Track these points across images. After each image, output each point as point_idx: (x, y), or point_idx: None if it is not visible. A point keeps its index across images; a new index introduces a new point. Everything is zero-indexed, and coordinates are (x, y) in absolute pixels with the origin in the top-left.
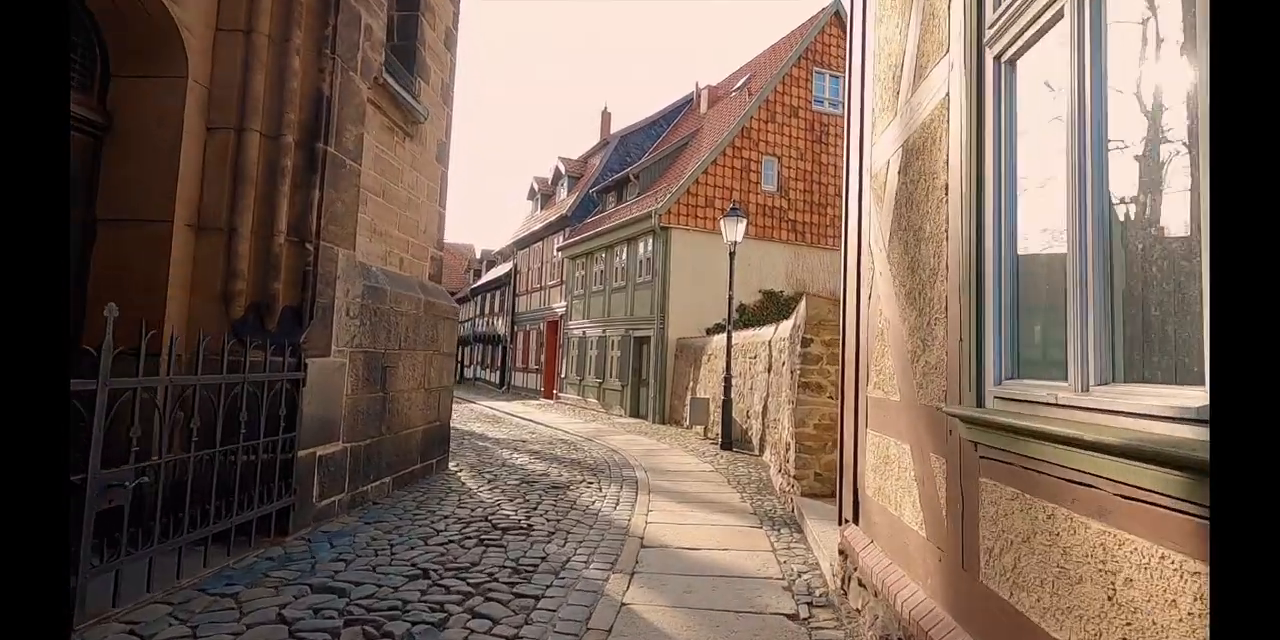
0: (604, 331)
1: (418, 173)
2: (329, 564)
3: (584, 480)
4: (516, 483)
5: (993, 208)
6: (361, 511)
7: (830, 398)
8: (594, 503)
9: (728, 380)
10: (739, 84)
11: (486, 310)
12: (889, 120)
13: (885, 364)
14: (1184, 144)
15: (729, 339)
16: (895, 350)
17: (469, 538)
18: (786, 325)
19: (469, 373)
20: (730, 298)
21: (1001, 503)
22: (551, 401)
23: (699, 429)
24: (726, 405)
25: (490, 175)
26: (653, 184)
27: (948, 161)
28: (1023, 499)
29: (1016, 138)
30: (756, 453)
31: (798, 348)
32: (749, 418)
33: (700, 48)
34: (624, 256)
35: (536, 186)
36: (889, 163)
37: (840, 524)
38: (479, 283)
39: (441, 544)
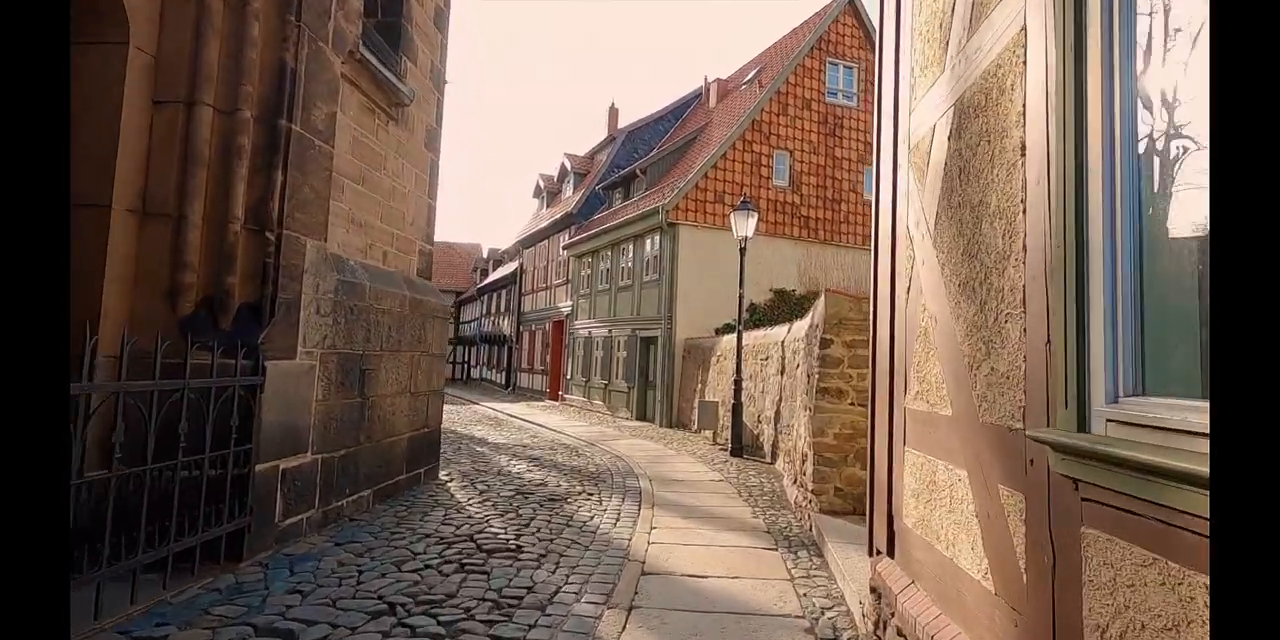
0: (610, 332)
1: (404, 160)
2: (283, 596)
3: (583, 491)
4: (510, 494)
5: (1103, 165)
6: (335, 530)
7: (853, 404)
8: (592, 518)
9: (738, 383)
10: (749, 76)
11: (492, 310)
12: (934, 78)
13: (930, 370)
14: None
15: (739, 339)
16: (945, 354)
17: (449, 562)
18: (801, 325)
19: (475, 373)
20: (740, 296)
21: (1124, 568)
22: (557, 403)
23: (708, 434)
24: (736, 409)
25: (498, 174)
26: (660, 179)
27: (1024, 114)
28: (1165, 569)
29: (1135, 66)
30: (768, 460)
31: (816, 349)
32: (760, 422)
33: (710, 43)
34: (630, 254)
35: (542, 184)
36: (934, 129)
37: (871, 554)
38: (485, 282)
39: (416, 570)
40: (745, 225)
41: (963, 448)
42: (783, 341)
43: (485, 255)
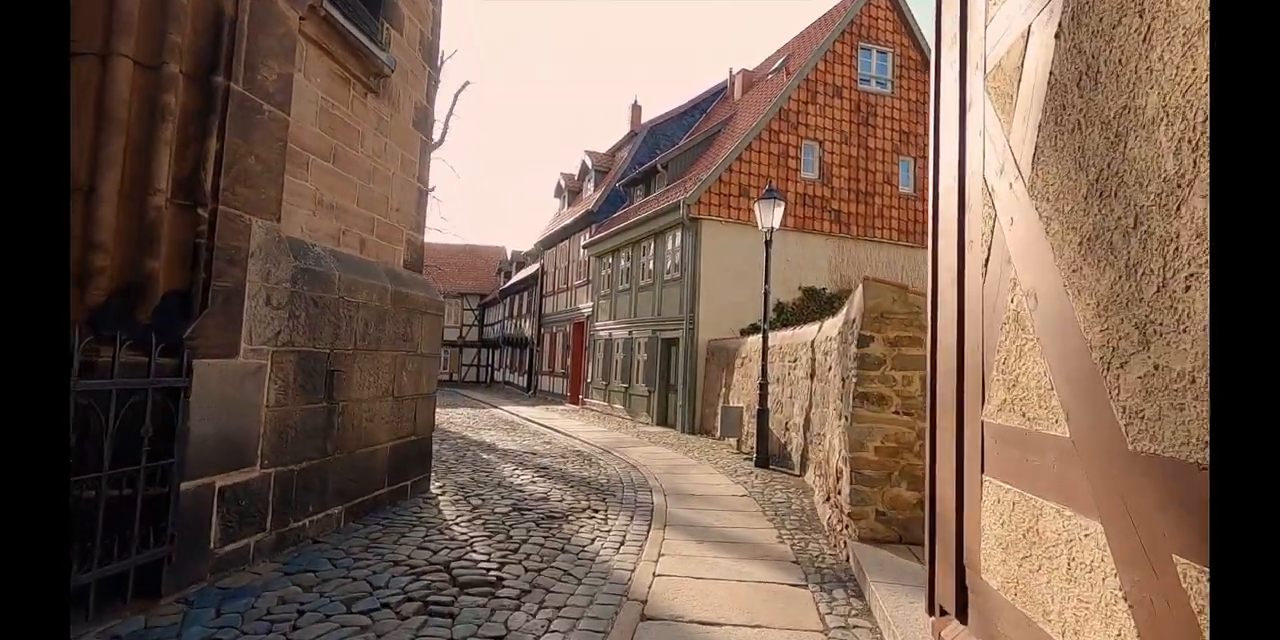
0: (630, 333)
1: (386, 138)
2: None
3: (588, 507)
4: (506, 510)
5: None
6: (291, 555)
7: (898, 413)
8: (593, 541)
9: (763, 387)
10: (776, 65)
11: (514, 312)
12: None
13: (1026, 369)
14: None
15: (764, 340)
16: (1055, 345)
17: (411, 599)
18: (834, 323)
19: (498, 376)
20: (766, 293)
21: None
22: (577, 407)
23: (731, 441)
24: (762, 416)
25: (522, 175)
26: (682, 174)
27: None
28: None
29: None
30: (797, 472)
31: (852, 348)
32: (788, 430)
33: (736, 37)
34: (651, 252)
35: (563, 183)
36: (1028, 33)
37: (931, 612)
38: (507, 284)
39: (369, 611)
40: (771, 215)
41: (1094, 487)
42: (812, 342)
43: (509, 257)
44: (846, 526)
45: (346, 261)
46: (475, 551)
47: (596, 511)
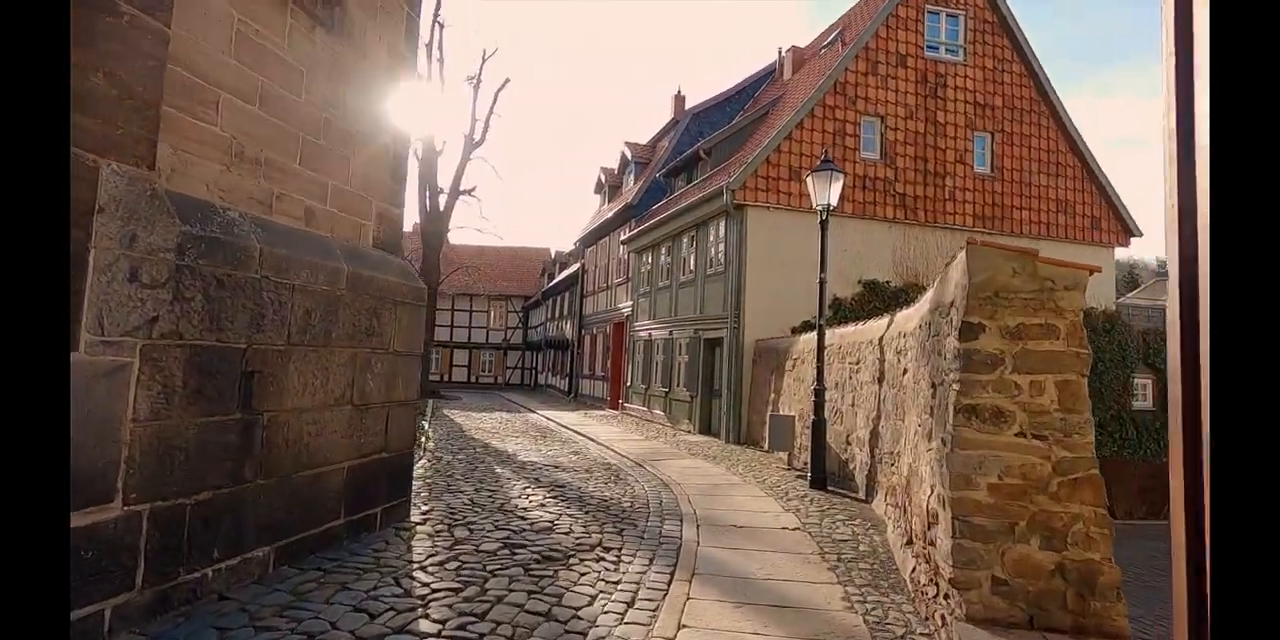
0: (671, 333)
1: (344, 86)
2: None
3: (599, 543)
4: (495, 547)
5: None
6: (175, 620)
7: (1023, 435)
8: (593, 600)
9: (818, 393)
10: (830, 39)
11: (556, 314)
12: None
13: None
14: None
15: (820, 338)
16: None
17: None
18: (911, 313)
19: (541, 379)
20: (822, 282)
21: None
22: (616, 412)
23: (781, 456)
24: (818, 428)
25: (567, 174)
26: (727, 160)
27: None
28: None
29: None
30: (861, 495)
31: (950, 342)
32: (849, 444)
33: (789, 26)
34: (693, 245)
35: (604, 178)
36: None
37: None
38: (549, 285)
39: None
40: (828, 190)
41: None
42: (880, 339)
43: (552, 258)
44: (946, 595)
45: (279, 233)
46: (430, 617)
47: (608, 550)
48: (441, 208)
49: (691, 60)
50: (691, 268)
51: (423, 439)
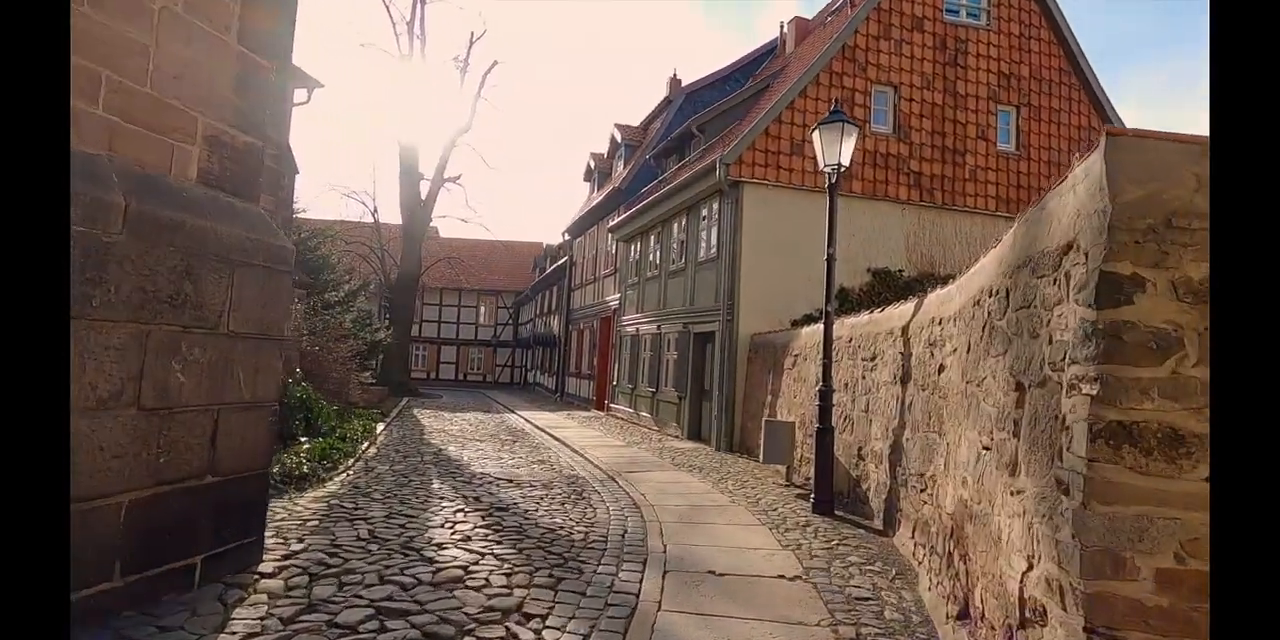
0: (659, 328)
1: None
2: None
3: (519, 608)
4: (360, 618)
5: None
6: None
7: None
8: None
9: (824, 395)
10: (839, 3)
11: (545, 309)
12: None
13: None
14: None
15: (827, 330)
16: None
17: None
18: (953, 292)
19: (530, 377)
20: (830, 258)
21: None
22: (602, 413)
23: (780, 469)
24: (823, 438)
25: (562, 167)
26: (721, 137)
27: None
28: None
29: None
30: (877, 524)
31: (1076, 313)
32: (861, 459)
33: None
34: (684, 229)
35: (593, 164)
36: None
37: None
38: (538, 279)
39: None
40: (838, 147)
41: None
42: (904, 329)
43: (544, 252)
44: None
45: None
46: None
47: (528, 619)
48: (424, 195)
49: (693, 46)
50: (682, 255)
51: (364, 445)
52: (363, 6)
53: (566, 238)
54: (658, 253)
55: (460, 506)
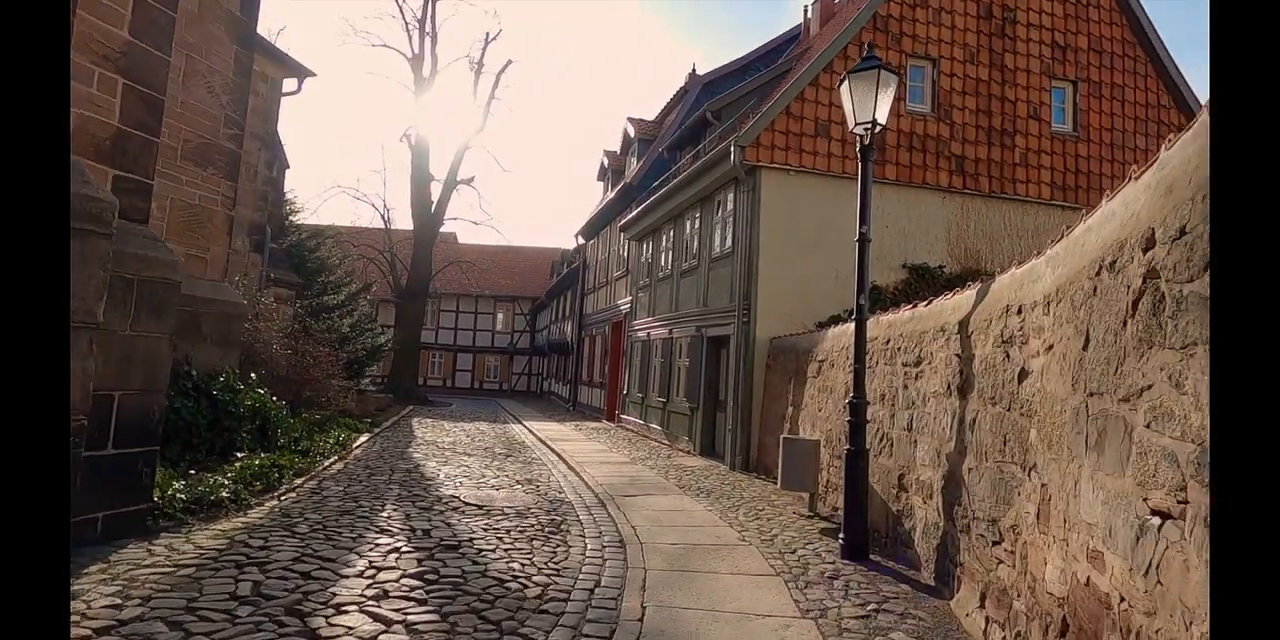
0: (671, 332)
1: None
2: None
3: None
4: None
5: None
6: None
7: None
8: None
9: (855, 410)
10: None
11: (559, 315)
12: None
13: None
14: None
15: (860, 330)
16: None
17: None
18: (1072, 253)
19: (546, 385)
20: (862, 239)
21: None
22: (613, 424)
23: (802, 496)
24: (854, 463)
25: (580, 170)
26: (740, 123)
27: None
28: None
29: None
30: (928, 579)
31: None
32: (904, 490)
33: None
34: (697, 224)
35: (606, 162)
36: None
37: None
38: (552, 284)
39: None
40: (873, 101)
41: None
42: (961, 324)
43: (561, 258)
44: None
45: None
46: None
47: None
48: (435, 198)
49: (719, 45)
50: (695, 252)
51: (329, 461)
52: (374, 4)
53: (580, 240)
54: (670, 251)
55: (399, 545)
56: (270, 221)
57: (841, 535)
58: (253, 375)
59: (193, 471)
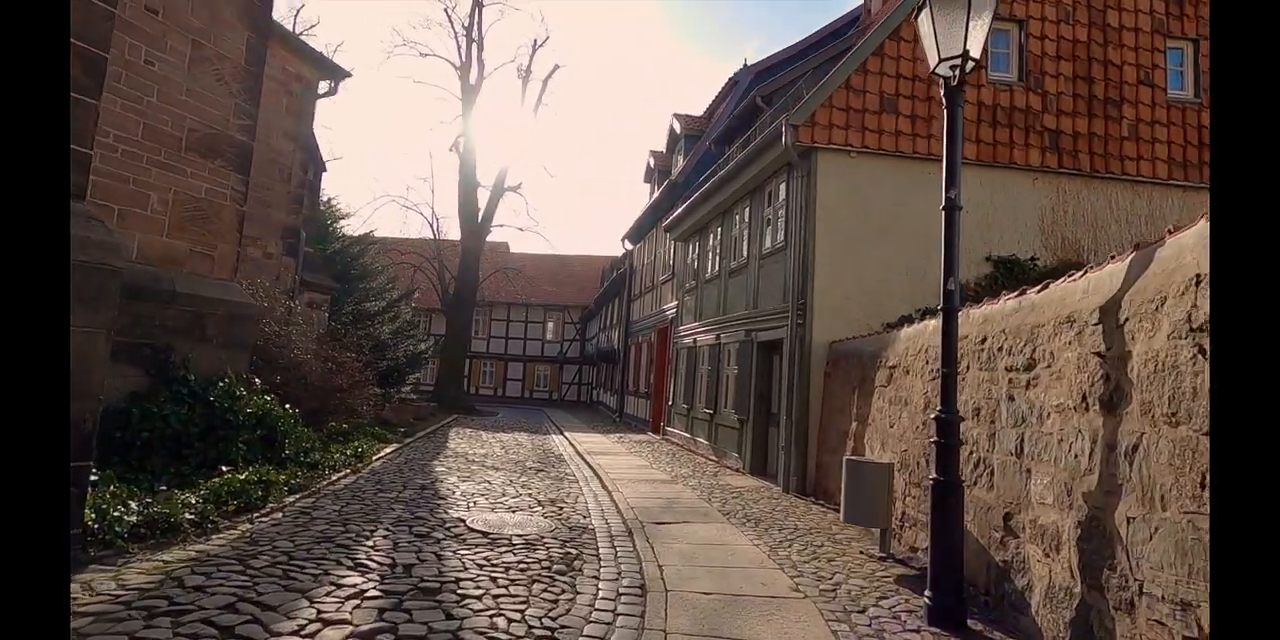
0: (718, 337)
1: None
2: None
3: None
4: None
5: None
6: None
7: None
8: None
9: (945, 428)
10: None
11: (607, 323)
12: None
13: None
14: None
15: (949, 324)
16: None
17: None
18: None
19: (595, 395)
20: (950, 206)
21: None
22: (657, 438)
23: (871, 531)
24: (945, 497)
25: (632, 175)
26: (794, 105)
27: None
28: None
29: None
30: None
31: None
32: (1013, 534)
33: None
34: (745, 217)
35: (653, 162)
36: None
37: None
38: (601, 291)
39: None
40: (961, 29)
41: None
42: (1102, 311)
43: (610, 265)
44: None
45: None
46: None
47: None
48: (482, 205)
49: (770, 42)
50: (744, 249)
51: (339, 475)
52: (421, 11)
53: (627, 245)
54: (717, 249)
55: (367, 586)
56: (305, 225)
57: (927, 592)
58: (257, 380)
59: (164, 488)
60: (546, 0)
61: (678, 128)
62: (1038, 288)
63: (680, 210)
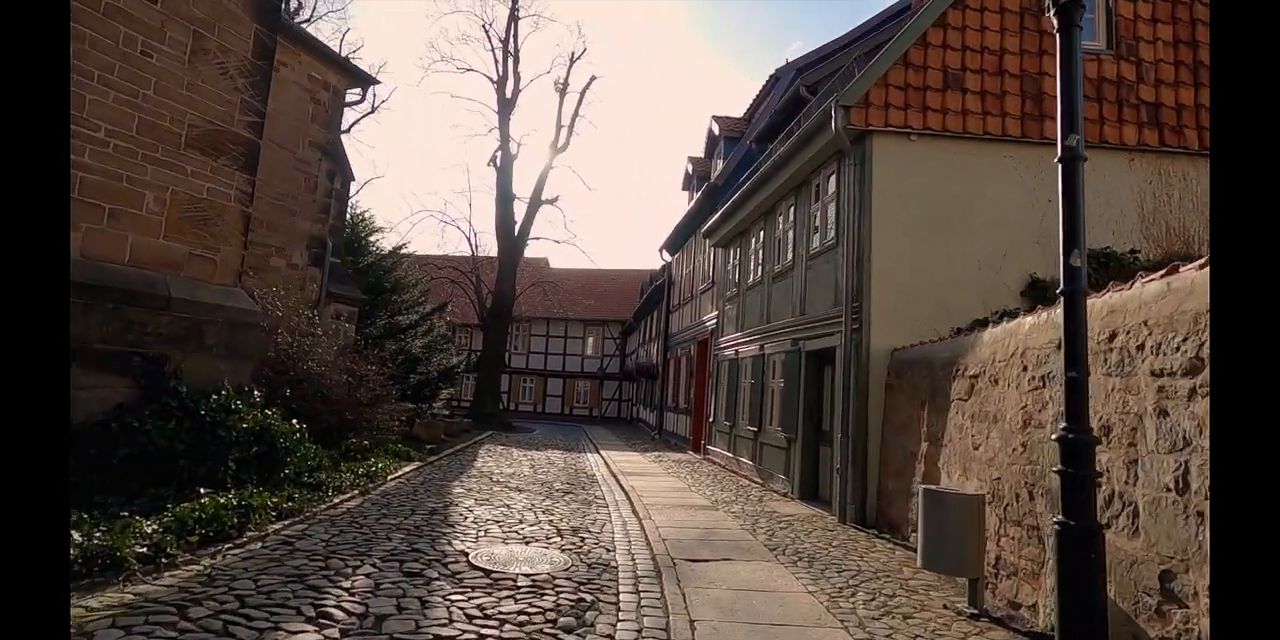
0: (761, 347)
1: None
2: None
3: None
4: None
5: None
6: None
7: None
8: None
9: (1070, 450)
10: None
11: (646, 337)
12: None
13: None
14: None
15: (1074, 312)
16: None
17: None
18: None
19: (635, 412)
20: (1068, 154)
21: None
22: (698, 457)
23: (955, 581)
24: (1076, 545)
25: (668, 185)
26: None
27: None
28: None
29: None
30: None
31: None
32: (1178, 602)
33: None
34: (790, 216)
35: (691, 168)
36: None
37: None
38: (639, 305)
39: None
40: None
41: None
42: None
43: (649, 279)
44: None
45: None
46: None
47: None
48: (519, 218)
49: (811, 44)
50: (789, 250)
51: (343, 497)
52: (458, 26)
53: (665, 256)
54: (759, 254)
55: None
56: (333, 235)
57: None
58: (257, 393)
59: (125, 514)
60: (583, 11)
61: (716, 130)
62: (1197, 264)
63: (719, 214)
